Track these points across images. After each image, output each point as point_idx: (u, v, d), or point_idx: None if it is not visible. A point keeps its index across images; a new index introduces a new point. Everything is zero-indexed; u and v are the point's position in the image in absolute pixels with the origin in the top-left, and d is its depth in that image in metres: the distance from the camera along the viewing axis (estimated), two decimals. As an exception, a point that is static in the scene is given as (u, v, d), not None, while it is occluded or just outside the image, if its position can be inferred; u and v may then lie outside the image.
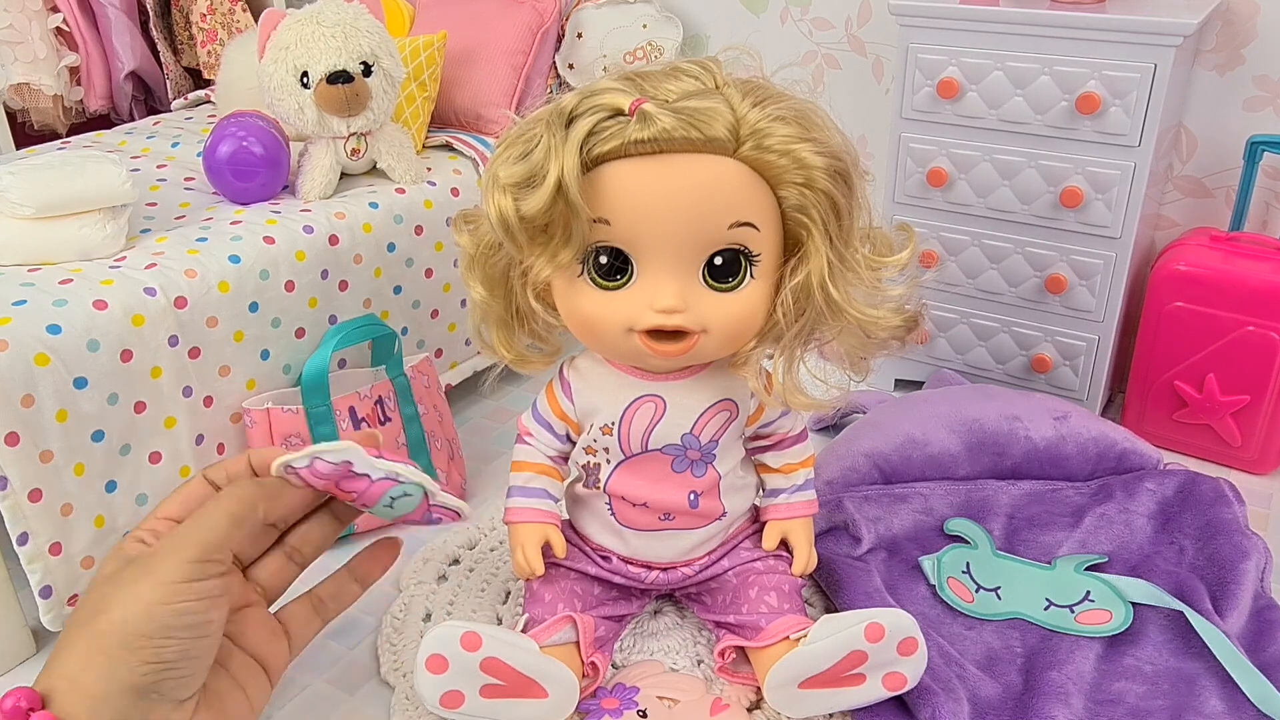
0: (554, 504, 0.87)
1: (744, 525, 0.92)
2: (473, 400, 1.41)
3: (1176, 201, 1.34)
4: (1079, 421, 1.15)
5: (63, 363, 0.93)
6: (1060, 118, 1.17)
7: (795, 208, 0.72)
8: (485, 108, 1.47)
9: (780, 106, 0.71)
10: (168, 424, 1.03)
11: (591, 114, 0.69)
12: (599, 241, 0.73)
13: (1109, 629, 0.91)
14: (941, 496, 1.10)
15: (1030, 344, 1.30)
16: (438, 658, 0.76)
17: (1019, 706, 0.83)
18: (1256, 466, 1.22)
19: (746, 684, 0.87)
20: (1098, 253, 1.21)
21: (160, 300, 1.01)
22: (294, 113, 1.20)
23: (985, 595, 0.97)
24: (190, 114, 1.63)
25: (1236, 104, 1.26)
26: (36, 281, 0.99)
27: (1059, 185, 1.20)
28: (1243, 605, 0.93)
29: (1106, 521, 1.06)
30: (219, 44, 1.79)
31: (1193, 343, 1.19)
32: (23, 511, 0.92)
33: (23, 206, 1.00)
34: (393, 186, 1.27)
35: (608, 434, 0.83)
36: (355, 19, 1.20)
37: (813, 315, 0.75)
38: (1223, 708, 0.83)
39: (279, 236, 1.13)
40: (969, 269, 1.31)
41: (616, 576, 0.89)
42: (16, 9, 1.60)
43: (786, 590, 0.87)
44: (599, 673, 0.85)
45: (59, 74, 1.69)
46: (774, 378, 0.79)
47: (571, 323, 0.79)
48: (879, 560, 1.01)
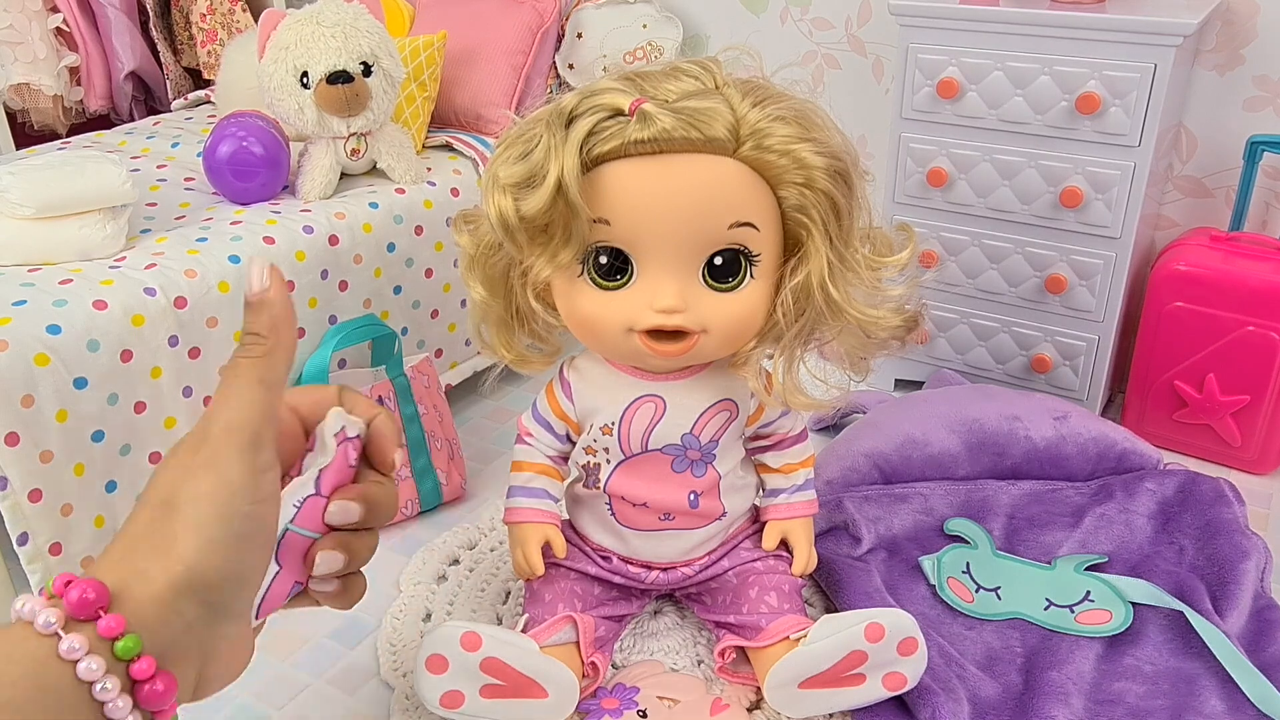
0: (554, 504, 0.87)
1: (744, 525, 0.92)
2: (473, 400, 1.41)
3: (1176, 201, 1.34)
4: (1079, 421, 1.15)
5: (63, 363, 0.93)
6: (1060, 118, 1.17)
7: (795, 208, 0.72)
8: (485, 108, 1.47)
9: (780, 106, 0.71)
10: (168, 424, 1.03)
11: (591, 114, 0.69)
12: (599, 241, 0.73)
13: (1109, 629, 0.91)
14: (941, 496, 1.10)
15: (1030, 344, 1.30)
16: (438, 658, 0.76)
17: (1019, 706, 0.83)
18: (1256, 466, 1.22)
19: (746, 684, 0.86)
20: (1098, 253, 1.21)
21: (160, 300, 1.01)
22: (294, 113, 1.20)
23: (985, 595, 0.97)
24: (190, 114, 1.63)
25: (1236, 104, 1.25)
26: (36, 281, 0.99)
27: (1059, 185, 1.20)
28: (1243, 605, 0.93)
29: (1106, 521, 1.06)
30: (219, 44, 1.79)
31: (1193, 343, 1.19)
32: (23, 511, 0.92)
33: (23, 206, 1.01)
34: (393, 186, 1.27)
35: (608, 434, 0.83)
36: (355, 19, 1.20)
37: (813, 315, 0.75)
38: (1223, 708, 0.83)
39: (279, 236, 1.13)
40: (969, 269, 1.31)
41: (616, 576, 0.89)
42: (16, 9, 1.60)
43: (786, 590, 0.87)
44: (599, 673, 0.85)
45: (59, 74, 1.69)
46: (774, 378, 0.79)
47: (571, 323, 0.79)
48: (879, 560, 1.01)
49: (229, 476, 0.46)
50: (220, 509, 0.45)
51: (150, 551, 0.45)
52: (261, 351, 0.48)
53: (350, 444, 0.53)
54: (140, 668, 0.42)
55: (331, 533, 0.53)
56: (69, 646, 0.40)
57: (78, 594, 0.41)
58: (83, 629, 0.41)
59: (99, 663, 0.40)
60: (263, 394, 0.48)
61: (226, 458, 0.46)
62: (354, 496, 0.53)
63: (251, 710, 0.89)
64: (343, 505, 0.52)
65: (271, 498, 0.48)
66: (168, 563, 0.44)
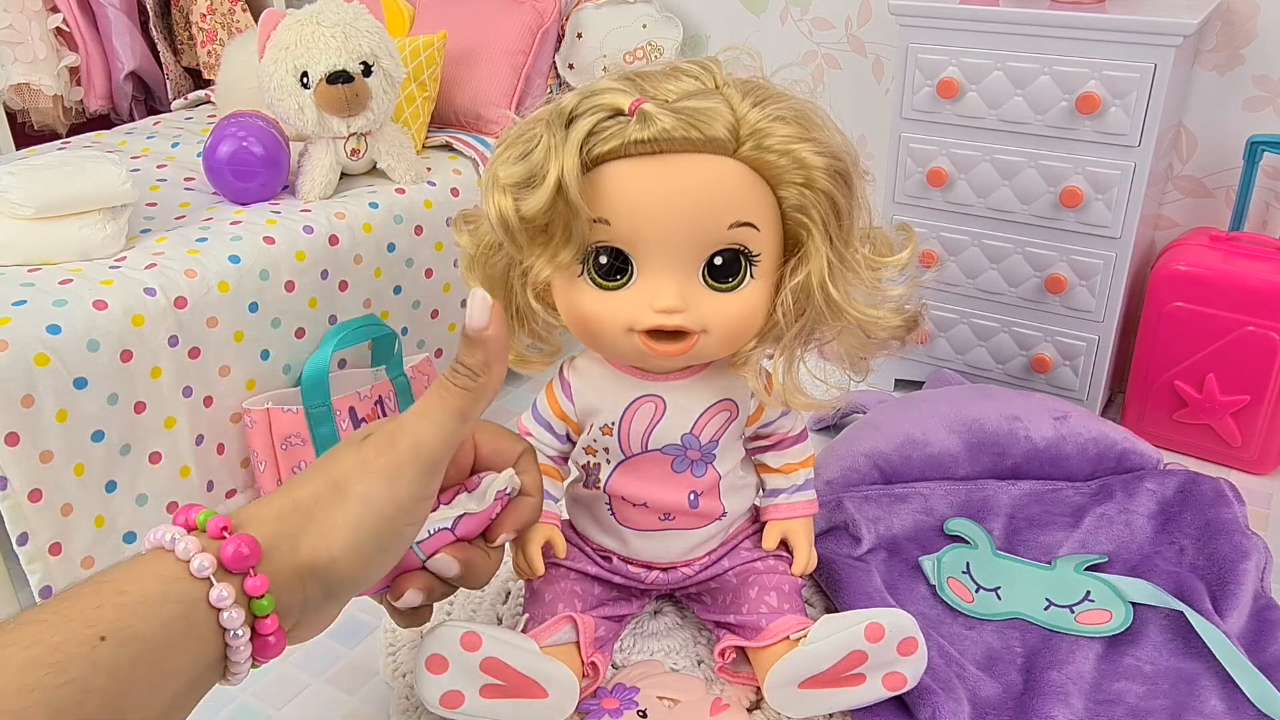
0: (554, 504, 0.87)
1: (744, 525, 0.92)
2: (473, 400, 1.41)
3: (1176, 201, 1.34)
4: (1079, 421, 1.14)
5: (63, 363, 0.93)
6: (1060, 118, 1.17)
7: (795, 208, 0.72)
8: (485, 108, 1.47)
9: (780, 106, 0.71)
10: (168, 424, 1.03)
11: (591, 114, 0.69)
12: (599, 241, 0.73)
13: (1109, 629, 0.91)
14: (941, 496, 1.10)
15: (1030, 344, 1.30)
16: (438, 658, 0.76)
17: (1019, 706, 0.83)
18: (1256, 466, 1.22)
19: (746, 684, 0.86)
20: (1098, 253, 1.21)
21: (160, 300, 1.01)
22: (294, 113, 1.20)
23: (985, 595, 0.97)
24: (190, 114, 1.63)
25: (1236, 104, 1.25)
26: (36, 281, 0.99)
27: (1059, 185, 1.20)
28: (1243, 605, 0.93)
29: (1106, 521, 1.06)
30: (219, 44, 1.79)
31: (1193, 343, 1.19)
32: (23, 511, 0.92)
33: (23, 206, 1.01)
34: (393, 186, 1.27)
35: (608, 434, 0.83)
36: (355, 19, 1.21)
37: (813, 315, 0.75)
38: (1223, 708, 0.83)
39: (279, 236, 1.13)
40: (969, 269, 1.30)
41: (616, 576, 0.89)
42: (16, 9, 1.60)
43: (786, 590, 0.87)
44: (599, 673, 0.85)
45: (59, 74, 1.69)
46: (774, 378, 0.79)
47: (571, 323, 0.79)
48: (879, 560, 1.01)
49: (400, 494, 0.48)
50: (380, 520, 0.48)
51: (308, 525, 0.47)
52: (471, 386, 0.51)
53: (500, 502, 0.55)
54: (266, 624, 0.45)
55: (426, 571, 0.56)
56: (219, 595, 0.42)
57: (233, 548, 0.43)
58: (230, 579, 0.43)
59: (240, 614, 0.43)
60: (457, 426, 0.50)
61: (406, 476, 0.49)
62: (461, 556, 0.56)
63: (251, 710, 0.89)
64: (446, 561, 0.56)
65: (420, 522, 0.51)
66: (318, 545, 0.47)
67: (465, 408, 0.50)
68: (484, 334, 0.51)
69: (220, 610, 0.43)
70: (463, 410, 0.50)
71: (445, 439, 0.49)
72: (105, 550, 0.99)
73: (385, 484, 0.48)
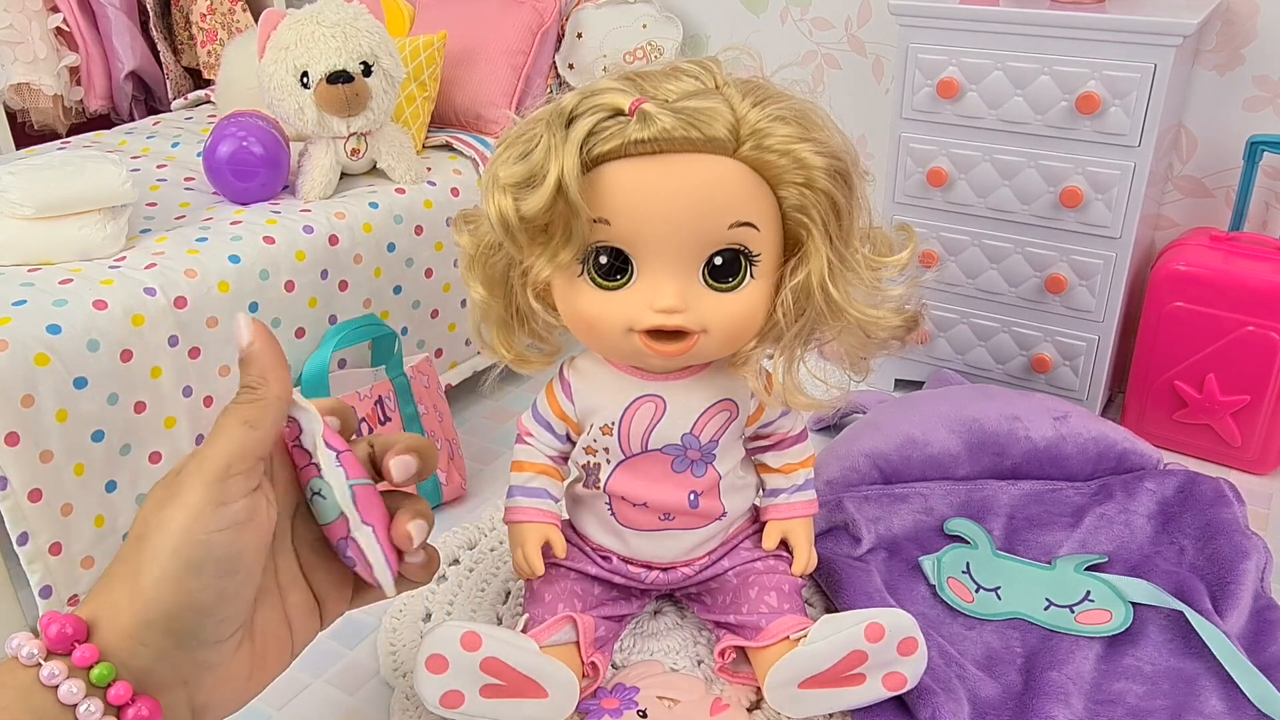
0: (554, 504, 0.87)
1: (744, 525, 0.92)
2: (473, 400, 1.41)
3: (1176, 201, 1.34)
4: (1079, 421, 1.14)
5: (63, 363, 0.93)
6: (1060, 118, 1.17)
7: (795, 208, 0.72)
8: (485, 108, 1.47)
9: (780, 106, 0.71)
10: (168, 424, 1.03)
11: (591, 114, 0.69)
12: (599, 241, 0.73)
13: (1109, 629, 0.91)
14: (941, 496, 1.10)
15: (1030, 344, 1.30)
16: (438, 658, 0.76)
17: (1019, 706, 0.83)
18: (1256, 466, 1.22)
19: (746, 684, 0.86)
20: (1098, 253, 1.21)
21: (160, 300, 1.01)
22: (294, 113, 1.20)
23: (985, 595, 0.97)
24: (190, 114, 1.63)
25: (1236, 104, 1.26)
26: (36, 281, 0.99)
27: (1059, 185, 1.20)
28: (1243, 605, 0.93)
29: (1106, 521, 1.06)
30: (219, 44, 1.79)
31: (1193, 343, 1.19)
32: (23, 511, 0.92)
33: (23, 206, 1.01)
34: (393, 186, 1.27)
35: (608, 434, 0.83)
36: (355, 19, 1.20)
37: (813, 315, 0.75)
38: (1223, 708, 0.83)
39: (279, 236, 1.13)
40: (969, 269, 1.31)
41: (616, 576, 0.89)
42: (16, 9, 1.60)
43: (786, 590, 0.87)
44: (599, 673, 0.85)
45: (59, 74, 1.69)
46: (774, 378, 0.79)
47: (571, 323, 0.79)
48: (879, 560, 1.01)
49: (188, 503, 0.49)
50: (177, 539, 0.48)
51: (120, 584, 0.49)
52: (254, 398, 0.52)
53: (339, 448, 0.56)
54: (117, 693, 0.46)
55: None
56: (49, 673, 0.45)
57: (55, 629, 0.46)
58: (62, 659, 0.46)
59: (78, 686, 0.45)
60: (243, 433, 0.51)
61: (190, 487, 0.50)
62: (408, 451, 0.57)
63: (251, 710, 0.89)
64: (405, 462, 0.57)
65: (232, 527, 0.50)
66: (134, 595, 0.48)
67: (251, 416, 0.52)
68: (251, 350, 0.53)
69: (56, 688, 0.45)
70: (249, 419, 0.51)
71: (230, 446, 0.51)
72: (105, 550, 0.99)
73: (174, 505, 0.49)
